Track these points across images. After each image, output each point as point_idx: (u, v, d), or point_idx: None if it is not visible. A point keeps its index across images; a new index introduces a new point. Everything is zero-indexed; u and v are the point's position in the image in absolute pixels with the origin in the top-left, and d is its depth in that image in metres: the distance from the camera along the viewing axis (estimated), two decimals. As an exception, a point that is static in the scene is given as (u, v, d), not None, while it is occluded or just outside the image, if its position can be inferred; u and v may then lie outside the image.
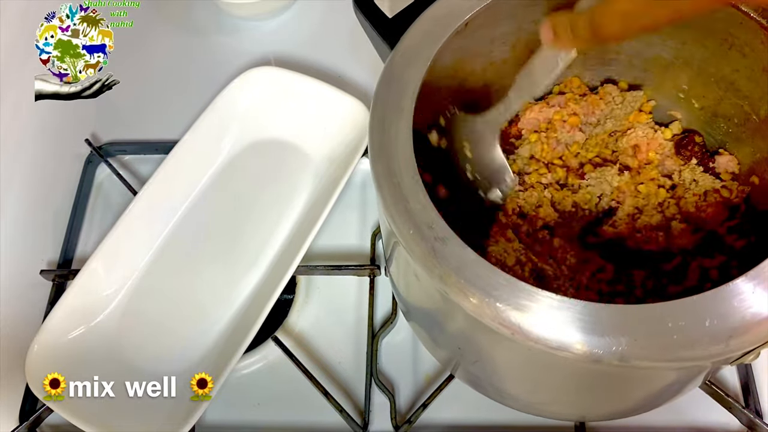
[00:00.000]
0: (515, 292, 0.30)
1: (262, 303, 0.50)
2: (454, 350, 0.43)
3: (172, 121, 0.64)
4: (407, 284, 0.43)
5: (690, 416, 0.48)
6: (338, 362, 0.53)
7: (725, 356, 0.29)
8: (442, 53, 0.39)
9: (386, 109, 0.37)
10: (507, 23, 0.44)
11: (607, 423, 0.48)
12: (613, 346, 0.28)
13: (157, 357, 0.51)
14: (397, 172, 0.35)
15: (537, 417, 0.48)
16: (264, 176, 0.59)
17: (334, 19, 0.71)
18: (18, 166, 0.65)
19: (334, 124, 0.59)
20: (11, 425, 0.51)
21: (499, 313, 0.30)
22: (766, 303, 0.29)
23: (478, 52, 0.45)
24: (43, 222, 0.61)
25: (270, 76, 0.60)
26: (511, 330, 0.29)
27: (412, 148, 0.35)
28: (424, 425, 0.49)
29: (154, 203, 0.56)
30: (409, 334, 0.53)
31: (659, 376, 0.35)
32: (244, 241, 0.56)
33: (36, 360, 0.48)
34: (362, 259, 0.56)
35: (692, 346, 0.28)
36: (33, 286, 0.57)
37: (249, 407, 0.51)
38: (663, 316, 0.28)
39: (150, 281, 0.54)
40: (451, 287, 0.31)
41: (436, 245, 0.32)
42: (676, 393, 0.40)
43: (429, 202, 0.33)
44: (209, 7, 0.73)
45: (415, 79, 0.38)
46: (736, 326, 0.28)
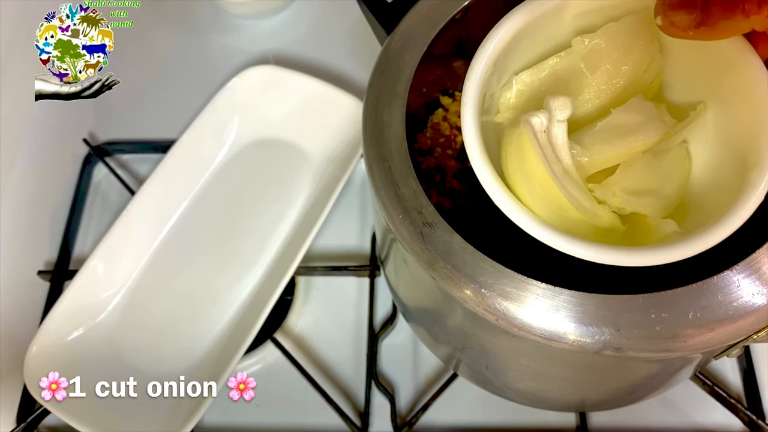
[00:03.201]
0: (501, 278, 0.31)
1: (262, 304, 0.52)
2: (452, 344, 0.44)
3: (171, 120, 0.66)
4: (402, 279, 0.44)
5: (691, 417, 0.50)
6: (338, 363, 0.54)
7: (707, 349, 0.30)
8: (440, 39, 0.40)
9: (380, 94, 0.38)
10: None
11: (607, 423, 0.50)
12: (597, 336, 0.30)
13: (156, 358, 0.52)
14: (388, 157, 0.36)
15: (538, 418, 0.50)
16: (263, 176, 0.61)
17: (333, 18, 0.73)
18: (15, 166, 0.67)
19: (333, 122, 0.60)
20: (9, 426, 0.52)
21: (485, 299, 0.31)
22: (749, 297, 0.30)
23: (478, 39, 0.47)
24: (41, 222, 0.63)
25: (269, 74, 0.62)
26: (496, 316, 0.31)
27: (405, 134, 0.36)
28: (424, 427, 0.50)
29: (152, 203, 0.57)
30: (409, 336, 0.54)
31: (645, 365, 0.36)
32: (244, 241, 0.58)
33: (34, 361, 0.49)
34: (362, 259, 0.58)
35: (674, 337, 0.29)
36: (30, 287, 0.59)
37: (248, 408, 0.52)
38: (647, 307, 0.30)
39: (149, 282, 0.56)
40: (438, 272, 0.32)
41: (425, 230, 0.33)
42: (665, 383, 0.42)
43: (419, 188, 0.35)
44: (209, 6, 0.75)
45: (410, 65, 0.39)
46: (719, 319, 0.30)
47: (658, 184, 0.35)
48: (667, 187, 0.35)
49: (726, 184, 0.33)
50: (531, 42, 0.37)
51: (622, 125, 0.35)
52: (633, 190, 0.34)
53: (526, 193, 0.34)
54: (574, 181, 0.33)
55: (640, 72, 0.37)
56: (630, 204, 0.34)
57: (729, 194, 0.31)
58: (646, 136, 0.35)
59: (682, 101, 0.37)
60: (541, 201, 0.34)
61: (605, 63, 0.37)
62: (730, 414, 0.49)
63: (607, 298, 0.31)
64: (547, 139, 0.33)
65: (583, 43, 0.36)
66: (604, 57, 0.36)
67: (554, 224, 0.31)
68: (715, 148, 0.35)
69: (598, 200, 0.34)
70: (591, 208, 0.34)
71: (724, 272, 0.31)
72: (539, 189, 0.34)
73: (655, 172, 0.35)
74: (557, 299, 0.31)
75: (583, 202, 0.34)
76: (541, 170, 0.33)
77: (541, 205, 0.33)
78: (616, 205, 0.35)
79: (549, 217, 0.33)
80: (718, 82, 0.34)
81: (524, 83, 0.38)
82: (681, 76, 0.37)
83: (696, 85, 0.36)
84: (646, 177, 0.35)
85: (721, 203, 0.31)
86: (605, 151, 0.35)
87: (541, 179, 0.33)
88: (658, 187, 0.35)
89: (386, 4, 0.43)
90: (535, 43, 0.37)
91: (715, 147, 0.35)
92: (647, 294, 0.30)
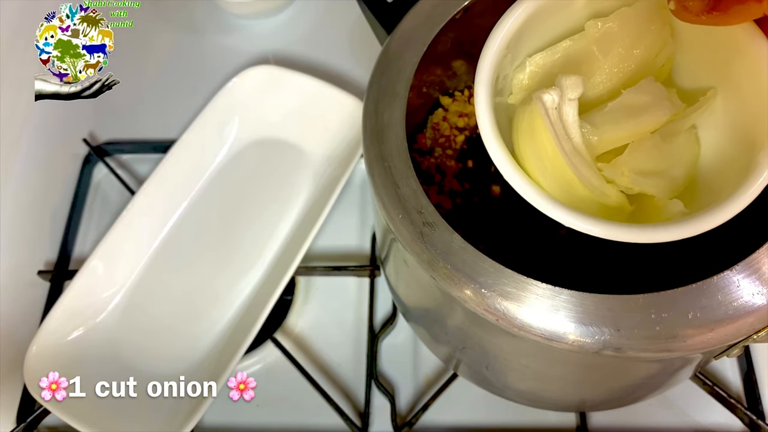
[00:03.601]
0: (501, 278, 0.32)
1: (262, 304, 0.52)
2: (452, 344, 0.45)
3: (171, 120, 0.66)
4: (402, 279, 0.44)
5: (691, 417, 0.50)
6: (338, 363, 0.54)
7: (707, 349, 0.30)
8: (440, 39, 0.40)
9: (380, 94, 0.38)
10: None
11: (607, 423, 0.50)
12: (596, 336, 0.30)
13: (156, 358, 0.53)
14: (388, 157, 0.36)
15: (538, 418, 0.50)
16: (263, 176, 0.61)
17: (333, 18, 0.73)
18: (15, 166, 0.67)
19: (333, 123, 0.60)
20: (9, 426, 0.52)
21: (485, 299, 0.31)
22: (749, 297, 0.30)
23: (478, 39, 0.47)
24: (41, 222, 0.63)
25: (269, 74, 0.62)
26: (496, 316, 0.31)
27: (405, 133, 0.36)
28: (424, 427, 0.50)
29: (152, 203, 0.57)
30: (409, 336, 0.55)
31: (645, 365, 0.36)
32: (244, 241, 0.58)
33: (34, 361, 0.49)
34: (362, 259, 0.58)
35: (674, 337, 0.29)
36: (30, 287, 0.59)
37: (248, 408, 0.53)
38: (647, 307, 0.30)
39: (149, 282, 0.56)
40: (438, 272, 0.32)
41: (425, 230, 0.33)
42: (665, 383, 0.42)
43: (419, 188, 0.35)
44: (209, 6, 0.75)
45: (410, 64, 0.39)
46: (719, 319, 0.30)
47: (666, 166, 0.36)
48: (675, 170, 0.36)
49: (734, 166, 0.33)
50: (545, 25, 0.37)
51: (632, 105, 0.35)
52: (641, 171, 0.35)
53: (536, 170, 0.34)
54: (583, 159, 0.34)
55: (651, 56, 0.37)
56: (638, 184, 0.35)
57: (737, 176, 0.31)
58: (655, 115, 0.35)
59: (692, 86, 0.37)
60: (551, 178, 0.34)
61: (617, 47, 0.37)
62: (730, 414, 0.49)
63: (607, 298, 0.31)
64: (558, 117, 0.33)
65: (596, 26, 0.37)
66: (616, 41, 0.37)
67: (563, 201, 0.31)
68: (724, 132, 0.35)
69: (607, 179, 0.35)
70: (599, 186, 0.34)
71: (724, 272, 0.31)
72: (549, 166, 0.34)
73: (663, 154, 0.36)
74: (557, 299, 0.31)
75: (592, 179, 0.34)
76: (551, 147, 0.33)
77: (550, 182, 0.34)
78: (624, 185, 0.35)
79: (558, 194, 0.33)
80: (728, 68, 0.34)
81: (537, 65, 0.38)
82: (691, 62, 0.37)
83: (706, 70, 0.36)
84: (654, 158, 0.35)
85: (728, 185, 0.31)
86: (615, 131, 0.35)
87: (551, 156, 0.34)
88: (666, 169, 0.36)
89: (386, 4, 0.44)
90: (548, 26, 0.37)
91: (724, 132, 0.35)
92: (647, 294, 0.31)
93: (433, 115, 0.52)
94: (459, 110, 0.51)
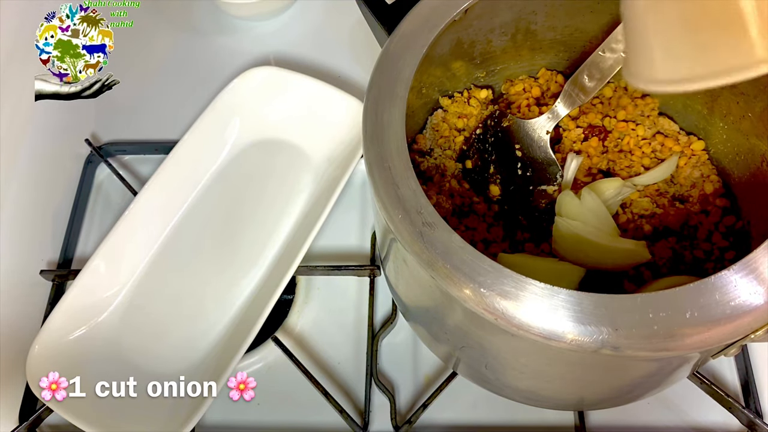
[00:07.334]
0: (500, 278, 0.32)
1: (263, 303, 0.52)
2: (451, 343, 0.45)
3: (172, 121, 0.66)
4: (402, 279, 0.45)
5: (690, 416, 0.50)
6: (338, 362, 0.54)
7: (705, 348, 0.30)
8: (439, 41, 0.41)
9: (380, 94, 0.39)
10: (506, 13, 0.45)
11: (606, 422, 0.50)
12: (595, 335, 0.30)
13: (158, 357, 0.53)
14: (388, 158, 0.36)
15: (537, 417, 0.50)
16: (264, 176, 0.61)
17: (334, 19, 0.73)
18: (18, 166, 0.67)
19: (333, 123, 0.60)
20: (11, 425, 0.52)
21: (484, 299, 0.31)
22: (747, 296, 0.30)
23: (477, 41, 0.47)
24: (43, 222, 0.63)
25: (270, 75, 0.62)
26: (495, 315, 0.31)
27: (405, 134, 0.37)
28: (424, 425, 0.51)
29: (154, 203, 0.57)
30: (409, 335, 0.55)
31: (643, 364, 0.36)
32: (245, 241, 0.58)
33: (36, 360, 0.50)
34: (362, 259, 0.58)
35: (672, 337, 0.29)
36: (33, 286, 0.59)
37: (249, 407, 0.53)
38: (645, 307, 0.30)
39: (150, 282, 0.56)
40: (437, 272, 0.32)
41: (424, 230, 0.33)
42: (663, 382, 0.42)
43: (419, 188, 0.35)
44: (209, 7, 0.75)
45: (410, 66, 0.39)
46: (716, 319, 0.30)
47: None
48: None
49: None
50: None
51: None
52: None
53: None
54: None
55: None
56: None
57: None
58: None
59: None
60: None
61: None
62: (727, 412, 0.49)
63: (605, 297, 0.31)
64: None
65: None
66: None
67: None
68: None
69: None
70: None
71: (721, 272, 0.31)
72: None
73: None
74: (556, 299, 0.31)
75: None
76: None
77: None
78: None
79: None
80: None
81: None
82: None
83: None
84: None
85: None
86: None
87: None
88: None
89: (386, 6, 0.44)
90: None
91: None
92: (645, 293, 0.31)
93: (432, 116, 0.52)
94: (458, 111, 0.51)
